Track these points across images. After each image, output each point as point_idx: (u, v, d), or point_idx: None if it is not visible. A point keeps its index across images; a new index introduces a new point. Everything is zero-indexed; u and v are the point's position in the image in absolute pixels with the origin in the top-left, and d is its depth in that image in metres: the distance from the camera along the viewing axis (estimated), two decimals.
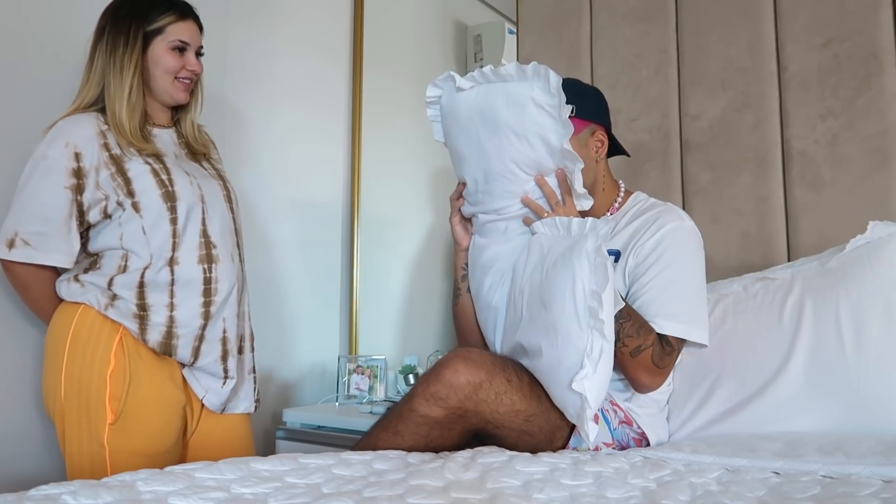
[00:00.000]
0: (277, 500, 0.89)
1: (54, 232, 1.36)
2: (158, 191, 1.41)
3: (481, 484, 0.97)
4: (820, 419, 1.29)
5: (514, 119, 1.36)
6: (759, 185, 1.77)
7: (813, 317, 1.36)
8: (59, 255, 1.37)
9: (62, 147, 1.37)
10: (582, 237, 1.23)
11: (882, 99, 1.63)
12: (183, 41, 1.48)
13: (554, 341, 1.21)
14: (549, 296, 1.23)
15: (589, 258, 1.19)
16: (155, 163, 1.43)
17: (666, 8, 1.97)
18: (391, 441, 1.23)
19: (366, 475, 1.03)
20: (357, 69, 2.47)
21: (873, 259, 1.35)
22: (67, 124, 1.40)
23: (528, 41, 2.22)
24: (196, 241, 1.45)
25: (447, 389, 1.18)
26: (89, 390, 1.35)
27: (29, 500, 0.84)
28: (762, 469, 1.09)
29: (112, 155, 1.40)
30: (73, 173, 1.37)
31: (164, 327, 1.41)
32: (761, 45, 1.81)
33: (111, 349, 1.37)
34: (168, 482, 0.93)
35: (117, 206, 1.40)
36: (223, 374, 1.49)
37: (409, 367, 2.22)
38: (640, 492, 0.97)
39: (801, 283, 1.42)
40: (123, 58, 1.42)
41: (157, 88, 1.49)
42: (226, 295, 1.48)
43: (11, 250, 1.34)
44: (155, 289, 1.40)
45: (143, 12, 1.46)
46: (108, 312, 1.38)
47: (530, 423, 1.25)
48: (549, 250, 1.30)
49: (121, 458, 1.35)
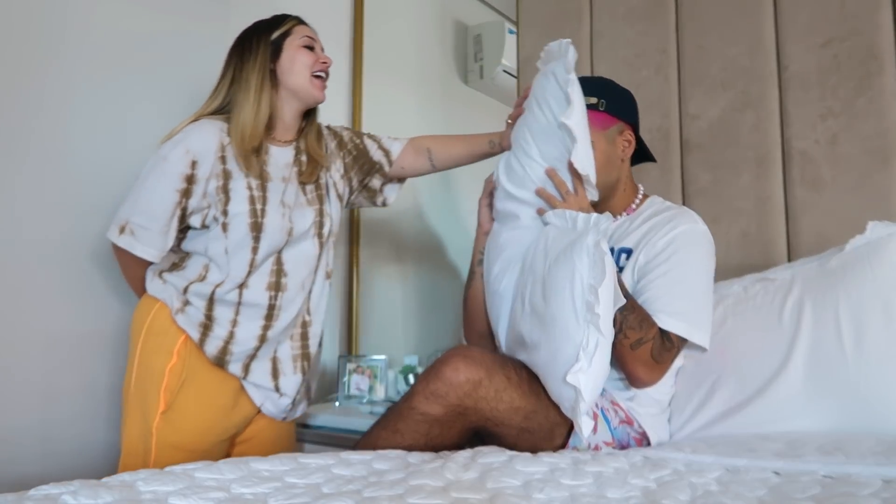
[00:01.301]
0: (277, 500, 0.89)
1: (155, 229, 1.44)
2: (248, 220, 1.46)
3: (481, 484, 0.97)
4: (820, 419, 1.29)
5: (538, 88, 1.44)
6: (759, 185, 1.77)
7: (813, 317, 1.36)
8: (152, 249, 1.45)
9: (182, 153, 1.43)
10: (584, 232, 1.24)
11: (882, 99, 1.63)
12: (310, 37, 1.56)
13: (552, 335, 1.21)
14: (550, 289, 1.24)
15: (588, 253, 1.19)
16: (257, 189, 1.47)
17: (666, 8, 1.97)
18: (391, 439, 1.24)
19: (366, 475, 1.03)
20: (357, 69, 2.47)
21: (873, 259, 1.35)
22: (193, 131, 1.46)
23: (528, 41, 2.22)
24: (269, 269, 1.49)
25: (447, 387, 1.19)
26: (151, 378, 1.45)
27: (29, 500, 0.84)
28: (762, 469, 1.09)
29: (225, 169, 1.47)
30: (186, 179, 1.44)
31: (222, 342, 1.47)
32: (761, 45, 1.81)
33: (175, 346, 1.45)
34: (168, 482, 0.93)
35: (213, 220, 1.47)
36: (274, 391, 1.54)
37: (409, 367, 2.22)
38: (641, 492, 0.97)
39: (800, 283, 1.42)
40: (251, 70, 1.50)
41: (297, 87, 1.53)
42: (288, 322, 1.52)
43: (121, 235, 1.45)
44: (223, 304, 1.47)
45: (266, 27, 1.55)
46: (177, 317, 1.45)
47: (530, 420, 1.25)
48: (552, 243, 1.31)
49: (164, 449, 1.43)
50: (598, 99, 1.47)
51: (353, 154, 1.69)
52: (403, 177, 1.76)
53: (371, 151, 1.70)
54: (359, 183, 1.72)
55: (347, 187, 1.69)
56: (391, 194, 1.78)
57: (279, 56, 1.52)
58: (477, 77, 2.76)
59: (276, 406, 1.55)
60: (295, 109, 1.57)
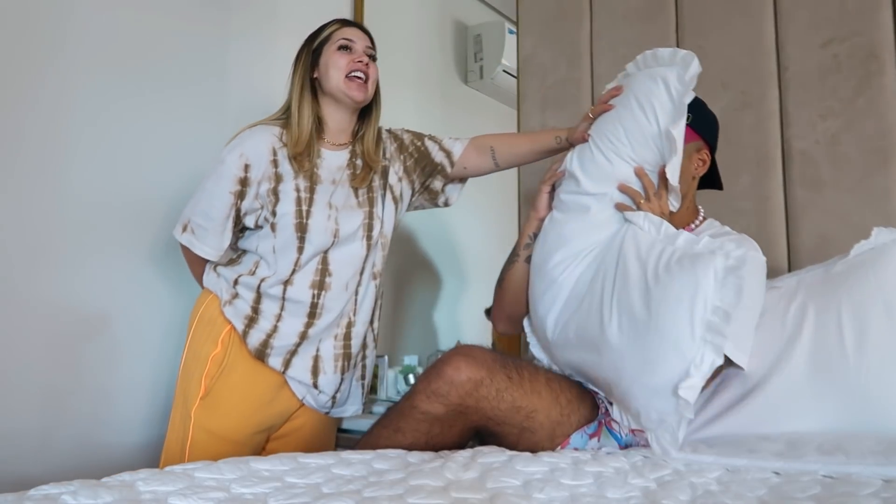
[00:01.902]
0: (277, 500, 0.89)
1: (212, 229, 1.52)
2: (294, 220, 1.50)
3: (481, 484, 0.97)
4: (820, 419, 1.28)
5: (643, 89, 1.42)
6: (759, 185, 1.77)
7: (815, 318, 1.36)
8: (209, 248, 1.54)
9: (237, 157, 1.50)
10: (709, 252, 1.22)
11: (882, 99, 1.63)
12: (347, 38, 1.58)
13: (653, 344, 1.20)
14: (659, 299, 1.21)
15: (717, 275, 1.18)
16: (304, 191, 1.51)
17: (666, 8, 1.97)
18: (392, 438, 1.24)
19: (366, 475, 1.03)
20: None
21: (877, 263, 1.35)
22: (248, 136, 1.53)
23: (528, 41, 2.22)
24: (314, 268, 1.52)
25: (448, 386, 1.19)
26: (196, 364, 1.52)
27: (29, 499, 0.84)
28: (762, 469, 1.09)
29: (277, 172, 1.52)
30: (240, 181, 1.50)
31: (265, 335, 1.51)
32: (761, 45, 1.81)
33: (221, 335, 1.52)
34: (168, 482, 0.93)
35: (265, 220, 1.53)
36: (312, 386, 1.56)
37: (409, 367, 2.22)
38: (641, 492, 0.97)
39: (805, 289, 1.42)
40: (296, 80, 1.58)
41: (333, 90, 1.56)
42: (330, 321, 1.54)
43: (183, 234, 1.55)
44: (269, 298, 1.52)
45: (312, 37, 1.62)
46: (225, 309, 1.52)
47: (531, 419, 1.25)
48: (647, 250, 1.29)
49: (200, 433, 1.50)
50: (687, 113, 1.45)
51: (414, 157, 1.69)
52: (466, 177, 1.75)
53: (433, 153, 1.70)
54: (421, 185, 1.72)
55: (410, 189, 1.70)
56: (453, 194, 1.77)
57: (318, 63, 1.57)
58: (477, 77, 2.76)
59: (316, 400, 1.58)
60: (341, 113, 1.59)
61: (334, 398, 1.60)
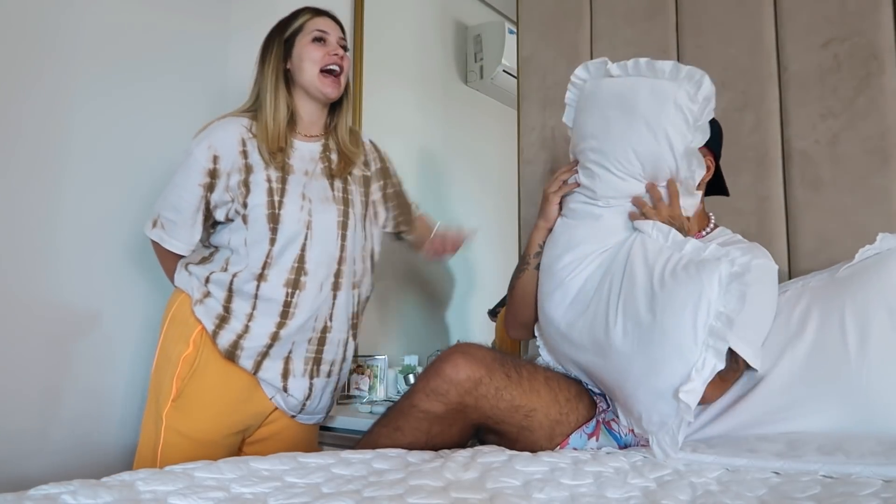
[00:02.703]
0: (277, 499, 0.89)
1: (181, 222, 1.51)
2: (266, 211, 1.48)
3: (481, 483, 0.97)
4: (821, 419, 1.29)
5: (651, 111, 1.37)
6: (759, 185, 1.77)
7: (818, 320, 1.36)
8: (179, 243, 1.53)
9: (205, 149, 1.49)
10: (714, 259, 1.22)
11: (882, 99, 1.63)
12: (321, 30, 1.56)
13: (657, 348, 1.20)
14: (664, 304, 1.21)
15: (721, 281, 1.18)
16: (276, 182, 1.49)
17: (666, 8, 1.97)
18: (391, 437, 1.24)
19: (366, 475, 1.03)
20: (357, 69, 2.47)
21: (881, 267, 1.36)
22: (216, 128, 1.52)
23: (528, 41, 2.22)
24: (289, 265, 1.50)
25: (447, 385, 1.19)
26: (167, 366, 1.50)
27: (29, 499, 0.84)
28: (762, 469, 1.09)
29: (246, 163, 1.50)
30: (209, 173, 1.49)
31: (235, 336, 1.49)
32: (761, 45, 1.81)
33: (192, 335, 1.49)
34: (168, 482, 0.93)
35: (235, 213, 1.51)
36: (282, 390, 1.54)
37: (409, 367, 2.22)
38: (640, 492, 0.97)
39: (809, 293, 1.43)
40: (267, 67, 1.56)
41: (306, 83, 1.55)
42: (302, 322, 1.52)
43: (153, 229, 1.54)
44: (241, 296, 1.49)
45: (282, 26, 1.59)
46: (196, 308, 1.49)
47: (530, 418, 1.25)
48: (654, 256, 1.28)
49: (172, 435, 1.47)
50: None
51: (395, 189, 1.74)
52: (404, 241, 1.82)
53: (409, 201, 1.77)
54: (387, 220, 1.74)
55: (384, 214, 1.72)
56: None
57: (291, 54, 1.55)
58: (477, 77, 2.76)
59: (286, 402, 1.56)
60: (313, 105, 1.58)
61: (304, 404, 1.57)
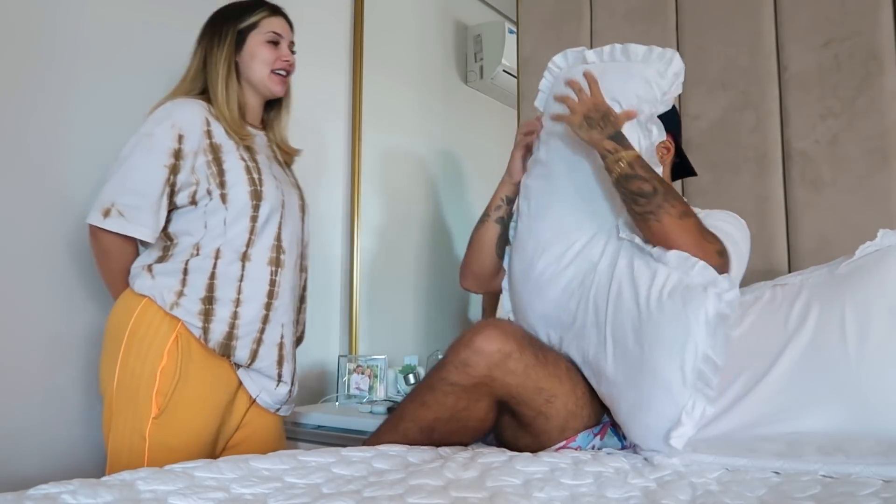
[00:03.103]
0: (277, 500, 0.89)
1: (146, 206, 1.40)
2: (248, 188, 1.46)
3: (481, 483, 0.97)
4: (821, 419, 1.28)
5: (619, 87, 1.39)
6: (759, 185, 1.77)
7: (818, 318, 1.36)
8: (146, 228, 1.41)
9: (168, 128, 1.42)
10: (701, 287, 1.18)
11: (882, 99, 1.63)
12: (276, 33, 1.56)
13: (646, 384, 1.19)
14: (652, 339, 1.20)
15: (708, 322, 1.16)
16: (249, 160, 1.49)
17: (666, 8, 1.97)
18: (416, 412, 1.25)
19: (366, 475, 1.03)
20: (357, 68, 2.47)
21: (881, 265, 1.35)
22: (177, 107, 1.45)
23: (528, 41, 2.22)
24: (269, 244, 1.50)
25: (478, 356, 1.19)
26: (139, 383, 1.38)
27: (28, 499, 0.84)
28: (762, 469, 1.09)
29: (212, 143, 1.46)
30: (174, 154, 1.42)
31: (227, 326, 1.44)
32: (761, 45, 1.81)
33: (165, 346, 1.40)
34: (168, 481, 0.93)
35: (206, 194, 1.44)
36: (277, 378, 1.53)
37: (409, 366, 2.22)
38: (641, 492, 0.97)
39: (809, 288, 1.42)
40: (219, 59, 1.51)
41: (255, 81, 1.55)
42: (286, 301, 1.53)
43: (106, 219, 1.39)
44: (226, 282, 1.44)
45: (237, 14, 1.55)
46: (174, 311, 1.40)
47: (550, 404, 1.26)
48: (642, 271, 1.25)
49: (159, 452, 1.37)
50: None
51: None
52: None
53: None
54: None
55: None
56: None
57: (242, 48, 1.54)
58: (477, 77, 2.75)
59: (272, 396, 1.54)
60: (256, 99, 1.59)
61: (291, 391, 1.57)
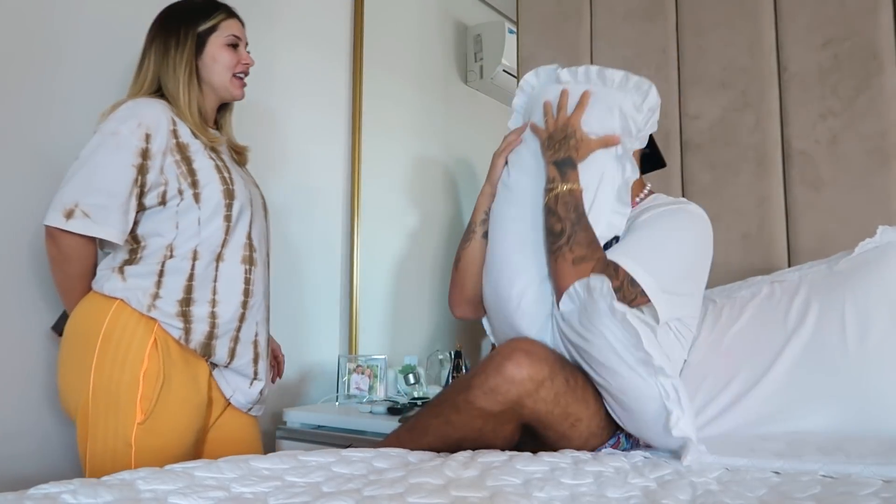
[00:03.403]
0: (277, 499, 0.89)
1: (115, 207, 1.35)
2: (221, 186, 1.46)
3: (481, 482, 0.96)
4: (821, 418, 1.29)
5: (595, 118, 1.39)
6: (759, 185, 1.77)
7: (818, 316, 1.36)
8: (114, 230, 1.35)
9: (135, 126, 1.38)
10: (590, 301, 1.19)
11: (882, 99, 1.63)
12: (236, 36, 1.56)
13: (632, 403, 1.19)
14: (603, 369, 1.20)
15: (609, 319, 1.16)
16: (217, 159, 1.48)
17: (666, 8, 1.97)
18: (441, 430, 1.23)
19: (366, 474, 1.03)
20: (357, 68, 2.47)
21: (881, 262, 1.35)
22: (140, 106, 1.41)
23: (528, 41, 2.22)
24: (242, 242, 1.50)
25: (508, 384, 1.15)
26: (119, 389, 1.33)
27: (29, 499, 0.84)
28: (762, 469, 1.09)
29: (179, 143, 1.44)
30: (141, 153, 1.38)
31: (207, 326, 1.43)
32: (761, 45, 1.81)
33: (145, 349, 1.35)
34: (168, 481, 0.93)
35: (177, 194, 1.42)
36: (253, 376, 1.53)
37: (409, 366, 2.22)
38: (641, 491, 0.97)
39: (808, 284, 1.42)
40: (178, 62, 1.48)
41: (216, 84, 1.54)
42: (259, 299, 1.53)
43: (69, 220, 1.32)
44: (202, 283, 1.43)
45: (193, 16, 1.52)
46: (152, 313, 1.37)
47: (574, 427, 1.23)
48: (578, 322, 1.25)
49: (146, 457, 1.33)
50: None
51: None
52: None
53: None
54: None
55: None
56: None
57: (202, 51, 1.52)
58: (477, 77, 2.76)
59: (245, 396, 1.53)
60: (213, 102, 1.58)
61: (263, 390, 1.55)
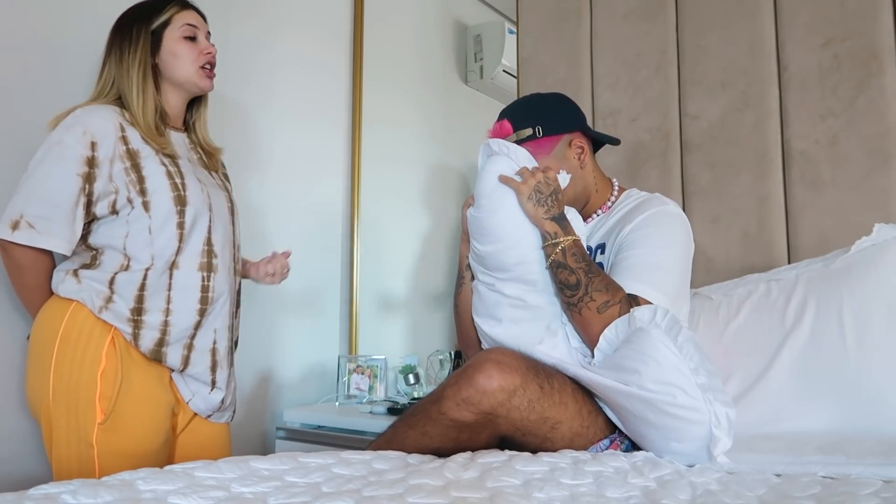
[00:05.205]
0: (277, 499, 0.89)
1: (59, 217, 1.33)
2: (171, 193, 1.41)
3: (481, 483, 0.96)
4: (821, 419, 1.29)
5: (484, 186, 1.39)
6: (759, 185, 1.77)
7: (815, 316, 1.36)
8: (60, 240, 1.34)
9: (80, 135, 1.35)
10: (641, 334, 1.19)
11: (882, 99, 1.63)
12: (192, 25, 1.51)
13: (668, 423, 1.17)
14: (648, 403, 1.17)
15: (665, 343, 1.16)
16: (170, 164, 1.44)
17: (666, 8, 1.97)
18: (420, 441, 1.23)
19: (365, 474, 1.03)
20: (357, 69, 2.47)
21: (878, 261, 1.35)
22: (87, 113, 1.39)
23: (528, 41, 2.22)
24: (199, 248, 1.46)
25: (479, 395, 1.15)
26: (78, 389, 1.33)
27: (28, 499, 0.84)
28: (762, 469, 1.09)
29: (129, 149, 1.40)
30: (87, 162, 1.35)
31: (158, 333, 1.40)
32: (761, 45, 1.81)
33: (103, 348, 1.35)
34: (168, 481, 0.93)
35: (126, 203, 1.39)
36: (211, 384, 1.50)
37: (409, 366, 2.22)
38: (641, 491, 0.97)
39: (805, 283, 1.42)
40: (131, 63, 1.45)
41: (181, 80, 1.50)
42: (220, 306, 1.50)
43: (15, 232, 1.31)
44: (154, 292, 1.40)
45: (146, 14, 1.49)
46: (103, 315, 1.36)
47: (555, 431, 1.23)
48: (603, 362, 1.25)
49: (109, 458, 1.32)
50: (534, 127, 1.44)
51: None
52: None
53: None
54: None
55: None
56: None
57: (159, 49, 1.48)
58: (477, 77, 2.76)
59: (205, 402, 1.50)
60: (179, 99, 1.54)
61: (224, 399, 1.52)
